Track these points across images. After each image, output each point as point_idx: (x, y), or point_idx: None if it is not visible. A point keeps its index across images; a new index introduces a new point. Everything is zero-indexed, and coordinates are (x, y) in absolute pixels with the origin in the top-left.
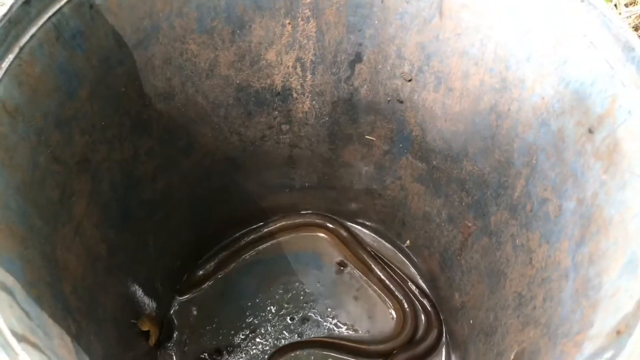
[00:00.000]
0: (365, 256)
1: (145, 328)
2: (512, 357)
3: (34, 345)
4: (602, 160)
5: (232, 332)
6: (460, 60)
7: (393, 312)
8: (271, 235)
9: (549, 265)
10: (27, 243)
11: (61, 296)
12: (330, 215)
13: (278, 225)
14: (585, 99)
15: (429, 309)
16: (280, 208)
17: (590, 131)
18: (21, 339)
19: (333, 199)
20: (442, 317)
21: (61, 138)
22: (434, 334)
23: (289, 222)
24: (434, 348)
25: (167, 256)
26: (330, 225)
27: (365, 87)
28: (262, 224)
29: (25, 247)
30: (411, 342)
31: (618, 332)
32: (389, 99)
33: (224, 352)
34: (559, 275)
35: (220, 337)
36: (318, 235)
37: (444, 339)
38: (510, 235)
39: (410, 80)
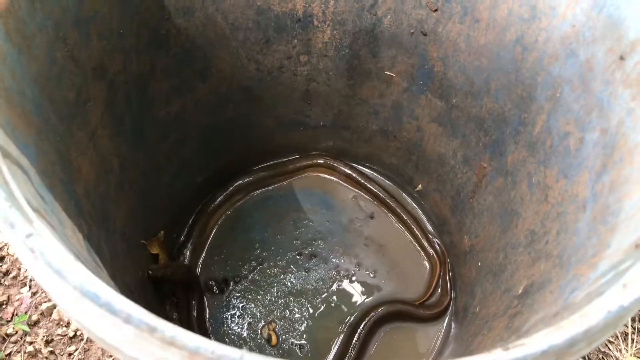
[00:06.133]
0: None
1: (154, 251)
2: (520, 290)
3: (48, 224)
4: (631, 87)
5: (240, 263)
6: None
7: (426, 264)
8: (283, 172)
9: (565, 199)
10: (42, 135)
11: (74, 195)
12: (343, 160)
13: (291, 164)
14: (619, 24)
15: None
16: (294, 146)
17: (622, 58)
18: (35, 210)
19: (347, 139)
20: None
21: (79, 38)
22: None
23: (303, 162)
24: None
25: (179, 183)
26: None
27: (388, 17)
28: (275, 160)
29: (40, 138)
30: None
31: (637, 246)
32: (412, 30)
33: (231, 282)
34: (575, 208)
35: (228, 268)
36: (329, 177)
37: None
38: (527, 173)
39: (436, 11)
